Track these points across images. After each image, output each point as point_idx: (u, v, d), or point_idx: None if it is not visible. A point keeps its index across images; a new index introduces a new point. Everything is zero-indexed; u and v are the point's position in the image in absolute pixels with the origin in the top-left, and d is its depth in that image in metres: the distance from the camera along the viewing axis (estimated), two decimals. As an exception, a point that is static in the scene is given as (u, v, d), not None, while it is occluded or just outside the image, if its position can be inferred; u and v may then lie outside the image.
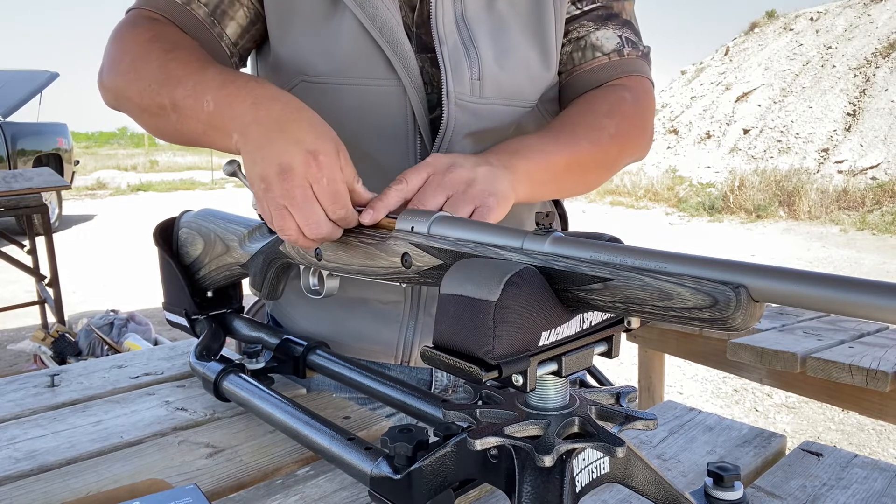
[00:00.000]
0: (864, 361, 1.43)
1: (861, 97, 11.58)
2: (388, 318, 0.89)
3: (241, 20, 0.84)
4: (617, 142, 0.85)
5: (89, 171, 20.11)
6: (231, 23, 0.83)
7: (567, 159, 0.80)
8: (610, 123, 0.84)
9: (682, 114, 14.85)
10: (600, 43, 0.89)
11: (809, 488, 0.66)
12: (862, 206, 9.35)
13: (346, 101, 0.81)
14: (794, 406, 3.36)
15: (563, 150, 0.79)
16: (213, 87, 0.68)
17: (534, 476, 0.46)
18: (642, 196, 12.12)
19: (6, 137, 7.52)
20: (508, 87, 0.84)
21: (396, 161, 0.82)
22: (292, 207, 0.62)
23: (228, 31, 0.83)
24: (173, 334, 3.70)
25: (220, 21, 0.83)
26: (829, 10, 14.43)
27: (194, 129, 0.71)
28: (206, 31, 0.82)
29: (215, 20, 0.82)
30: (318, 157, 0.61)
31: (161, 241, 0.90)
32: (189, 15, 0.81)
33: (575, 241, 0.46)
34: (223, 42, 0.83)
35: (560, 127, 0.83)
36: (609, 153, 0.85)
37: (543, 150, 0.77)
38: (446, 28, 0.81)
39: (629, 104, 0.87)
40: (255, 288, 0.80)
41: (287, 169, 0.61)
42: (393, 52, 0.79)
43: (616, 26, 0.89)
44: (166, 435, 0.76)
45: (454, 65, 0.80)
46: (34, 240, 3.79)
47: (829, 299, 0.35)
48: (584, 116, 0.85)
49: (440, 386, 0.95)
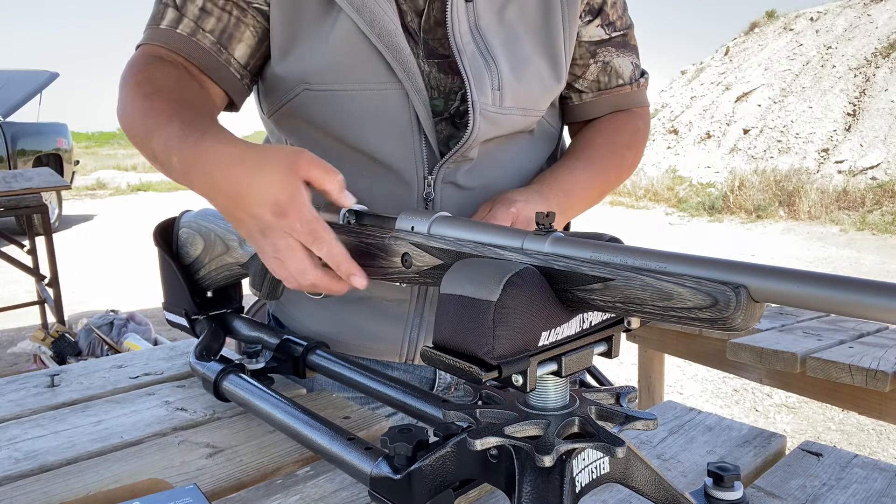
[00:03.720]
0: (863, 361, 1.43)
1: (861, 97, 11.58)
2: (393, 315, 0.89)
3: (249, 41, 0.84)
4: (629, 171, 0.98)
5: (89, 171, 20.11)
6: (239, 45, 0.84)
7: (597, 192, 0.92)
8: (629, 155, 0.96)
9: (682, 114, 14.85)
10: (621, 70, 0.96)
11: (809, 488, 0.66)
12: (862, 206, 9.34)
13: (349, 107, 0.82)
14: (794, 406, 3.36)
15: (597, 186, 0.92)
16: (175, 146, 0.70)
17: (534, 476, 0.46)
18: (642, 196, 12.11)
19: (6, 137, 7.52)
20: (525, 98, 0.85)
21: (402, 163, 0.83)
22: (281, 258, 0.65)
23: (238, 53, 0.84)
24: (173, 334, 3.70)
25: (228, 45, 0.83)
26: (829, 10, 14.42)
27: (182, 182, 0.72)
28: (213, 59, 0.83)
29: (222, 46, 0.83)
30: (284, 209, 0.62)
31: (161, 241, 0.90)
32: (195, 45, 0.82)
33: (575, 241, 0.46)
34: (232, 67, 0.84)
35: (595, 160, 0.93)
36: (622, 180, 0.98)
37: (584, 188, 0.89)
38: (463, 38, 0.81)
39: (641, 136, 0.99)
40: (254, 288, 0.80)
41: (265, 228, 0.64)
42: (393, 57, 0.79)
43: (630, 54, 0.97)
44: (166, 435, 0.76)
45: (476, 75, 0.81)
46: (34, 240, 3.79)
47: (829, 299, 0.35)
48: (611, 149, 0.95)
49: (444, 384, 0.96)
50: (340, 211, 0.66)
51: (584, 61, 0.94)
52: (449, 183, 0.84)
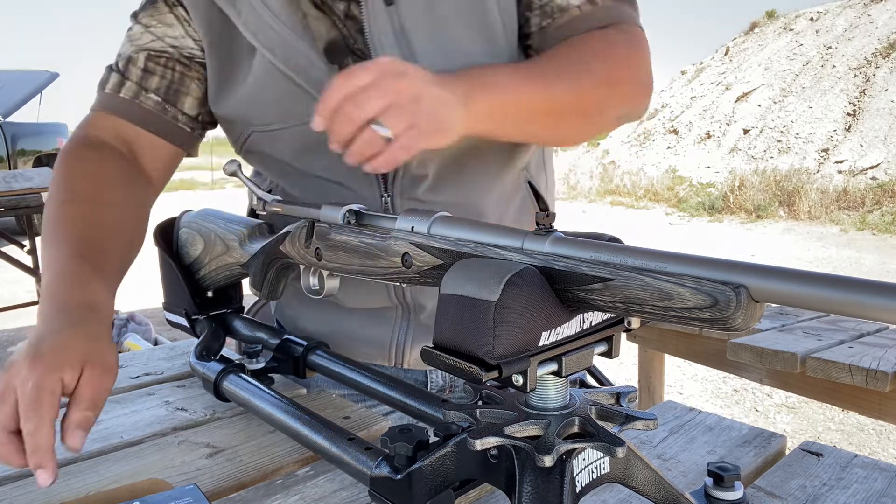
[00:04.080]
0: (864, 361, 1.43)
1: (861, 97, 11.57)
2: (381, 319, 0.90)
3: (195, 93, 0.87)
4: (605, 88, 0.77)
5: (89, 171, 20.07)
6: (187, 98, 0.86)
7: (540, 101, 0.72)
8: (598, 67, 0.76)
9: (682, 114, 14.84)
10: (566, 3, 0.79)
11: (809, 488, 0.66)
12: (862, 206, 9.34)
13: (297, 141, 0.82)
14: (794, 406, 3.36)
15: (536, 91, 0.72)
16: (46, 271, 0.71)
17: (534, 476, 0.46)
18: (642, 196, 12.11)
19: (6, 137, 7.52)
20: None
21: (360, 185, 0.83)
22: None
23: (186, 107, 0.86)
24: (173, 334, 3.69)
25: (176, 101, 0.85)
26: (829, 11, 14.42)
27: None
28: (158, 118, 0.85)
29: (168, 104, 0.85)
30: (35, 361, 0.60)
31: (161, 241, 0.91)
32: (137, 108, 0.84)
33: (575, 241, 0.46)
34: (180, 122, 0.87)
35: (540, 64, 0.76)
36: (594, 100, 0.77)
37: (514, 89, 0.70)
38: (385, 42, 0.77)
39: (622, 48, 0.78)
40: (255, 288, 0.80)
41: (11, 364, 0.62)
42: (315, 90, 0.77)
43: None
44: (166, 435, 0.76)
45: None
46: (34, 240, 3.79)
47: (829, 299, 0.35)
48: (568, 56, 0.76)
49: (435, 387, 0.96)
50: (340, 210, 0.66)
51: (526, 18, 0.81)
52: (412, 199, 0.84)
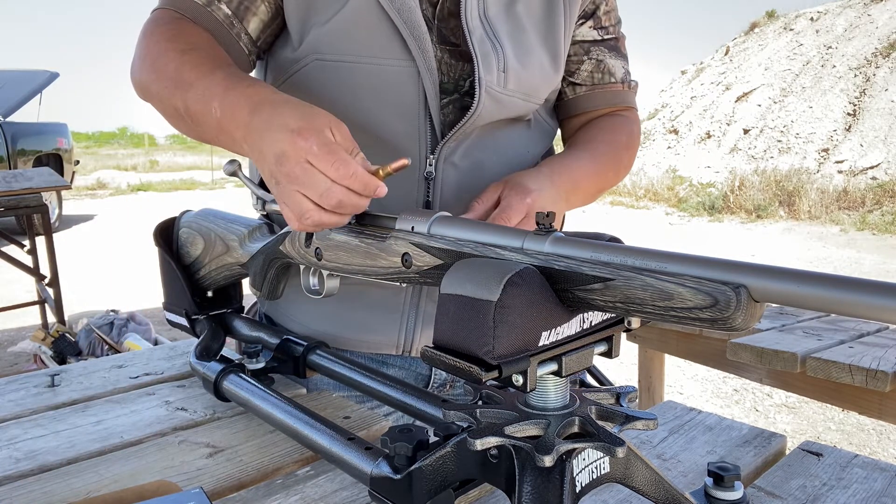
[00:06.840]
0: (864, 361, 1.43)
1: (861, 97, 11.58)
2: (389, 307, 0.90)
3: (263, 15, 0.85)
4: (625, 172, 1.01)
5: (89, 171, 20.10)
6: (253, 18, 0.85)
7: (596, 188, 0.95)
8: (625, 156, 1.00)
9: (682, 114, 14.84)
10: (613, 70, 1.01)
11: (809, 488, 0.66)
12: (862, 206, 9.34)
13: (359, 80, 0.83)
14: (794, 406, 3.36)
15: (597, 181, 0.94)
16: (218, 93, 0.71)
17: (534, 476, 0.46)
18: (642, 196, 12.12)
19: (6, 137, 7.51)
20: (527, 84, 0.88)
21: (406, 142, 0.84)
22: (299, 186, 0.62)
23: (251, 27, 0.85)
24: (173, 334, 3.70)
25: (243, 18, 0.84)
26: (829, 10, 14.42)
27: (207, 132, 0.75)
28: (224, 31, 0.84)
29: (235, 19, 0.84)
30: (302, 132, 0.62)
31: (161, 240, 0.91)
32: (209, 16, 0.83)
33: (575, 241, 0.46)
34: (241, 42, 0.85)
35: (598, 155, 0.95)
36: (617, 181, 1.01)
37: (588, 180, 0.91)
38: (473, 22, 0.84)
39: (636, 140, 1.03)
40: (255, 288, 0.80)
41: (281, 155, 0.63)
42: (409, 34, 0.81)
43: (622, 60, 1.02)
44: (166, 435, 0.76)
45: (484, 54, 0.83)
46: (34, 240, 3.79)
47: (829, 299, 0.35)
48: (612, 146, 0.98)
49: (439, 380, 0.96)
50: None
51: (579, 58, 0.99)
52: (448, 163, 0.86)
